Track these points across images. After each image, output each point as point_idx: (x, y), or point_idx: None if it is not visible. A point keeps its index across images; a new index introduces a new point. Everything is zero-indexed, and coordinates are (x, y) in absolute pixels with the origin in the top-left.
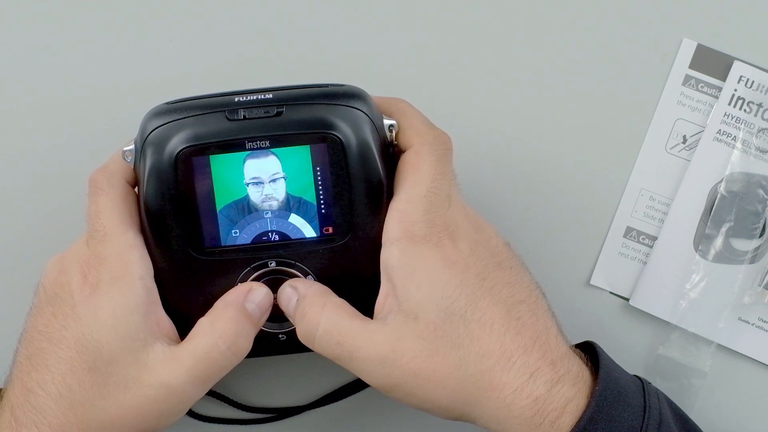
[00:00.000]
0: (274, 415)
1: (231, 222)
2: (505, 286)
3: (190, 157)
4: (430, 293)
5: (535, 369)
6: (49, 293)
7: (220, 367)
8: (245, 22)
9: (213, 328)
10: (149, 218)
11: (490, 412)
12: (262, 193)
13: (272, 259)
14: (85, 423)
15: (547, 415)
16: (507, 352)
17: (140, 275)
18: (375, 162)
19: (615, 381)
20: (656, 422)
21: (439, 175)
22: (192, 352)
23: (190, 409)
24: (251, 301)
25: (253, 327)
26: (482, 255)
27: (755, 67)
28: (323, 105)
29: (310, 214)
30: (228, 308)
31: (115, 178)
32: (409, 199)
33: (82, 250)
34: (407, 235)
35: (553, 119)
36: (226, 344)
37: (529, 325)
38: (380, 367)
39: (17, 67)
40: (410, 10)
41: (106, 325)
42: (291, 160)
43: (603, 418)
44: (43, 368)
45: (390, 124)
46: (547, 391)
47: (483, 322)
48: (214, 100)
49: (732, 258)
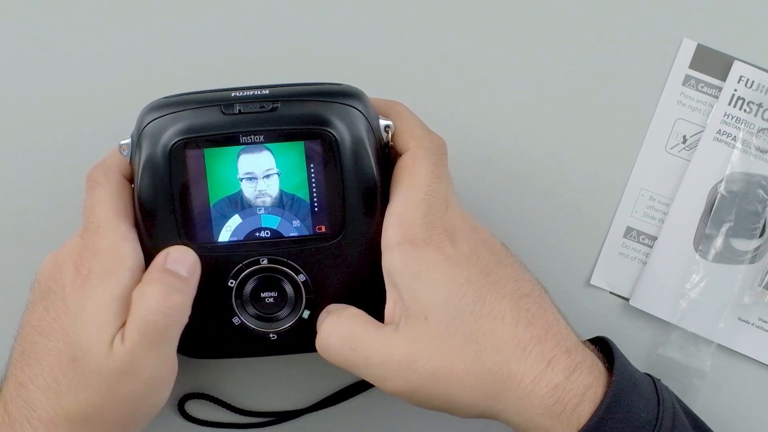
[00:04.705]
0: (272, 419)
1: (224, 218)
2: (509, 281)
3: (184, 150)
4: (437, 293)
5: (551, 357)
6: (43, 288)
7: (164, 326)
8: (244, 22)
9: (142, 293)
10: (143, 211)
11: (512, 404)
12: (255, 188)
13: (264, 256)
14: (71, 415)
15: (567, 403)
16: (521, 342)
17: (130, 267)
18: (369, 161)
19: (630, 373)
20: (670, 414)
21: (436, 178)
22: (132, 322)
23: (187, 413)
24: (170, 261)
25: (183, 282)
26: (483, 253)
27: (755, 67)
28: (319, 102)
29: (303, 211)
30: (150, 273)
31: (111, 172)
32: (407, 203)
33: (76, 243)
34: (407, 238)
35: (553, 119)
36: (158, 303)
37: (539, 316)
38: (397, 372)
39: (17, 67)
40: (408, 12)
41: (89, 315)
42: (285, 156)
43: (620, 408)
44: (35, 362)
45: (386, 125)
46: (565, 378)
47: (493, 315)
48: (211, 95)
49: (732, 258)
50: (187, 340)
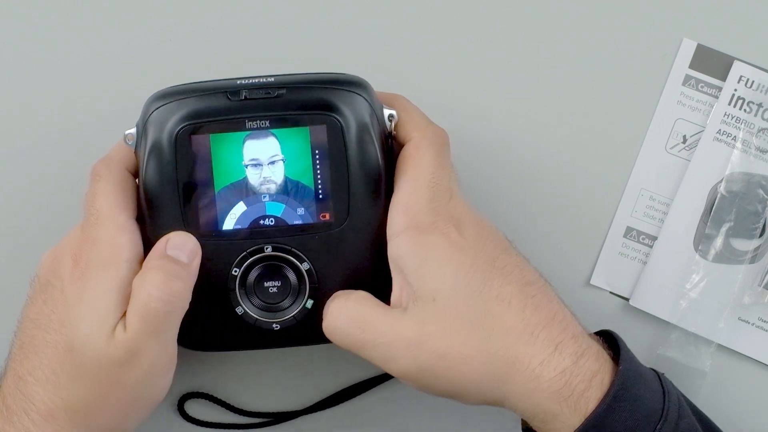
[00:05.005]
0: (271, 420)
1: (229, 205)
2: (515, 269)
3: (189, 136)
4: (444, 277)
5: (558, 342)
6: (42, 282)
7: (164, 313)
8: (246, 21)
9: (142, 281)
10: (147, 199)
11: (520, 388)
12: (260, 175)
13: (269, 244)
14: (71, 406)
15: (575, 387)
16: (529, 326)
17: (127, 258)
18: (374, 147)
19: (636, 364)
20: (676, 406)
21: (440, 167)
22: (133, 310)
23: (187, 414)
24: (171, 247)
25: (184, 269)
26: (488, 240)
27: (755, 67)
28: (324, 89)
29: (308, 198)
30: (150, 260)
31: (114, 165)
32: (411, 190)
33: (76, 236)
34: (413, 225)
35: (553, 119)
36: (158, 291)
37: (545, 303)
38: (405, 352)
39: (17, 66)
40: (411, 9)
41: (88, 305)
42: (290, 142)
43: (627, 397)
44: (33, 355)
45: (390, 114)
46: (573, 363)
47: (501, 298)
48: (217, 83)
49: (732, 258)
50: (189, 332)
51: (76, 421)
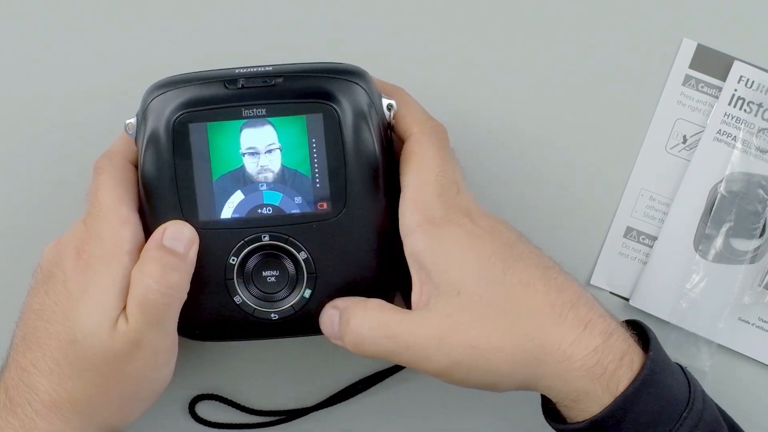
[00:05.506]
0: (282, 418)
1: (226, 194)
2: (532, 254)
3: (187, 124)
4: (465, 267)
5: (587, 321)
6: (45, 273)
7: (163, 305)
8: (245, 20)
9: (140, 272)
10: (146, 188)
11: (552, 369)
12: (257, 164)
13: (266, 233)
14: (75, 397)
15: (607, 366)
16: (556, 307)
17: (128, 250)
18: (371, 137)
19: (663, 352)
20: (701, 397)
21: (444, 161)
22: (133, 301)
23: (198, 416)
24: (167, 237)
25: (180, 260)
26: (502, 229)
27: (755, 67)
28: (322, 77)
29: (305, 187)
30: (148, 251)
31: (115, 158)
32: (419, 186)
33: (78, 228)
34: (427, 219)
35: (553, 119)
36: (156, 282)
37: (567, 285)
38: (436, 350)
39: (17, 67)
40: (415, 6)
41: (91, 298)
42: (287, 131)
43: (656, 382)
44: (36, 347)
45: (389, 103)
46: (603, 342)
47: (524, 283)
48: (215, 72)
49: (732, 258)
50: (189, 322)
51: (80, 412)
